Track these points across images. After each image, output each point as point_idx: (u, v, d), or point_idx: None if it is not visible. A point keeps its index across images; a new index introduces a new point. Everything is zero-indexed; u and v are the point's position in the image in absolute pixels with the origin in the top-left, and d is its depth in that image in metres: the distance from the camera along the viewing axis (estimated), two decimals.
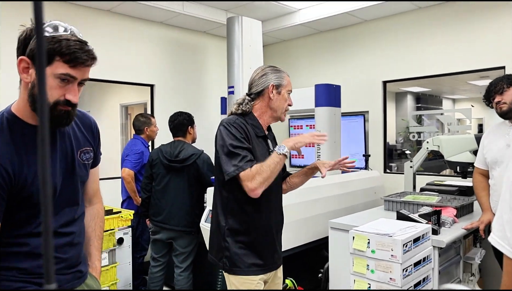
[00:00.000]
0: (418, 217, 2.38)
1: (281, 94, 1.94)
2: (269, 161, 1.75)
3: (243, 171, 1.73)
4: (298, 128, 5.47)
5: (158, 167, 3.25)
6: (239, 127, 1.83)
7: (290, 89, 1.99)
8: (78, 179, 1.37)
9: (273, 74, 1.94)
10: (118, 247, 3.23)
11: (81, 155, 1.39)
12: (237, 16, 4.12)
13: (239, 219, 1.86)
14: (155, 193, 3.28)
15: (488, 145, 2.63)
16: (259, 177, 1.71)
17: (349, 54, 5.07)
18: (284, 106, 1.96)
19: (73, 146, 1.36)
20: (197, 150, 3.25)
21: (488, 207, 2.60)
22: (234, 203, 1.85)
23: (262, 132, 1.95)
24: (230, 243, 1.85)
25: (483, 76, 4.07)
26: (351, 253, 2.07)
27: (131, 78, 4.71)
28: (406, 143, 4.72)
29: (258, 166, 1.74)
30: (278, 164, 1.76)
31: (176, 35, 5.12)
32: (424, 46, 4.39)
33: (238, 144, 1.78)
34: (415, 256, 2.02)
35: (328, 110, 3.55)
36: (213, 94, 5.44)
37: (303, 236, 3.08)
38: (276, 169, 1.75)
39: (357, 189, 3.65)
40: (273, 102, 1.94)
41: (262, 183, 1.72)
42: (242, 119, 1.89)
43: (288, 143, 1.80)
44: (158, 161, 3.25)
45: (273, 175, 1.75)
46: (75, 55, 1.17)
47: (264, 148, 1.94)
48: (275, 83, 1.92)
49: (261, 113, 1.96)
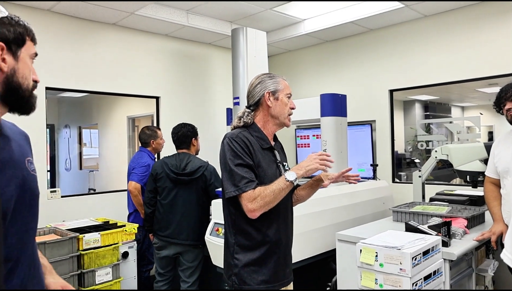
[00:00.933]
0: (427, 229, 2.32)
1: (279, 99, 1.90)
2: (275, 186, 1.72)
3: (243, 192, 1.70)
4: (305, 138, 5.43)
5: (163, 181, 3.19)
6: (242, 142, 1.79)
7: (289, 93, 1.94)
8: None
9: (267, 81, 1.90)
10: (123, 262, 3.20)
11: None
12: (241, 27, 4.12)
13: (248, 235, 1.81)
14: (161, 207, 3.22)
15: (498, 154, 2.57)
16: (261, 200, 1.69)
17: (355, 63, 5.04)
18: (285, 111, 1.91)
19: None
20: (203, 162, 3.23)
21: (500, 217, 2.52)
22: (241, 219, 1.80)
23: (267, 143, 1.90)
24: (239, 259, 1.81)
25: (491, 83, 4.01)
26: (358, 266, 2.01)
27: (137, 90, 4.73)
28: (415, 152, 4.65)
29: (262, 189, 1.71)
30: (284, 191, 1.73)
31: (181, 47, 5.14)
32: (431, 54, 4.35)
33: (239, 162, 1.75)
34: (425, 270, 1.96)
35: (334, 120, 3.52)
36: (218, 105, 5.44)
37: (310, 248, 3.02)
38: (280, 195, 1.72)
39: (365, 199, 3.59)
40: (272, 109, 1.89)
41: (262, 206, 1.70)
42: (246, 132, 1.86)
43: (299, 171, 1.75)
44: (163, 174, 3.19)
45: (275, 201, 1.72)
46: (33, 32, 1.12)
47: (271, 160, 1.89)
48: (271, 90, 1.88)
49: (264, 123, 1.92)
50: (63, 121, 5.71)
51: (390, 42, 4.69)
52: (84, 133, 6.01)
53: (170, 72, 5.03)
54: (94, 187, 5.62)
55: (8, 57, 1.04)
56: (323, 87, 5.18)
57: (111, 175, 5.58)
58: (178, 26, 4.58)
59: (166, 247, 3.20)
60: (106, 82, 4.45)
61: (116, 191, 4.36)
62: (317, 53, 5.44)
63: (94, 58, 4.35)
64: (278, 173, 1.89)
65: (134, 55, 4.69)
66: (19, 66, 1.06)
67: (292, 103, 1.95)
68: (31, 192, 1.13)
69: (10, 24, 1.04)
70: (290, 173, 1.73)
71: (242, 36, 4.06)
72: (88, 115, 5.64)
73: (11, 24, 1.05)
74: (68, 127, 5.83)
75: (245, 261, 1.80)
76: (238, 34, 4.09)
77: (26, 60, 1.09)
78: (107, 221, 3.52)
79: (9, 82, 1.04)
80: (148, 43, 4.82)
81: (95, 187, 5.53)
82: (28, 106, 1.10)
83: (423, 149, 4.52)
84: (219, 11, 4.38)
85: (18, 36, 1.06)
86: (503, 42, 3.84)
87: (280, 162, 1.93)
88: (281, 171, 1.90)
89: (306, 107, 3.63)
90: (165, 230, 3.17)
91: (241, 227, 1.82)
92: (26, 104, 1.09)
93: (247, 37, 4.06)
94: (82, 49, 4.25)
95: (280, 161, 1.93)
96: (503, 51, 3.84)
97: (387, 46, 4.72)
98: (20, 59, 1.06)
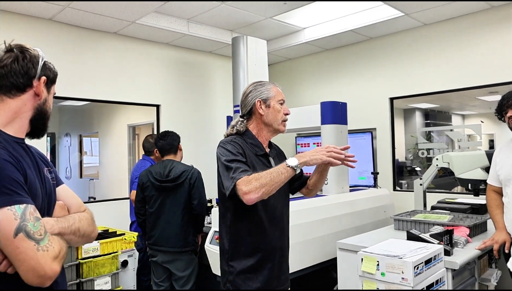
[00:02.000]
0: (429, 237, 2.29)
1: (271, 106, 1.88)
2: (272, 169, 1.66)
3: (238, 179, 1.64)
4: (305, 146, 5.42)
5: (149, 190, 3.16)
6: (236, 144, 1.79)
7: (281, 99, 1.91)
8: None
9: (258, 90, 1.90)
10: (122, 270, 3.17)
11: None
12: (242, 36, 4.14)
13: (242, 241, 1.80)
14: (149, 216, 3.19)
15: (500, 162, 2.55)
16: (256, 182, 1.60)
17: (355, 71, 5.05)
18: (278, 117, 1.90)
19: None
20: (187, 166, 3.18)
21: (503, 226, 2.50)
22: (237, 225, 1.80)
23: (262, 150, 1.90)
24: (233, 266, 1.80)
25: (492, 91, 4.01)
26: (360, 275, 1.99)
27: (138, 98, 4.74)
28: (416, 160, 4.64)
29: (258, 173, 1.65)
30: (282, 174, 1.63)
31: (182, 55, 5.16)
32: (431, 62, 4.35)
33: (233, 158, 1.73)
34: (427, 279, 1.93)
35: (334, 128, 3.51)
36: (219, 114, 5.44)
37: (311, 257, 2.99)
38: (277, 178, 1.62)
39: (366, 208, 3.56)
40: (265, 117, 1.89)
41: (257, 188, 1.58)
42: (240, 139, 1.86)
43: (302, 158, 1.66)
44: (148, 183, 3.16)
45: (272, 183, 1.61)
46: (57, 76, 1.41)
47: (265, 166, 1.87)
48: (262, 98, 1.88)
49: (258, 130, 1.92)
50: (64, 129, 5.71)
51: (390, 50, 4.70)
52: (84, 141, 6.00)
53: (170, 81, 5.04)
54: (94, 196, 5.60)
55: (44, 90, 1.33)
56: (323, 95, 5.18)
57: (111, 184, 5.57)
58: (179, 35, 4.60)
59: (155, 256, 3.18)
60: (107, 91, 4.45)
61: (116, 199, 4.34)
62: (317, 61, 5.45)
63: (95, 67, 4.36)
64: None
65: (135, 63, 4.70)
66: (49, 98, 1.37)
67: (286, 109, 1.93)
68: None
69: (49, 69, 1.35)
70: (291, 159, 1.65)
71: (243, 44, 4.07)
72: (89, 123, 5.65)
73: (50, 68, 1.36)
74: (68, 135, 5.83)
75: (239, 268, 1.79)
76: (238, 43, 4.10)
77: (52, 96, 1.40)
78: (106, 230, 3.50)
79: (41, 108, 1.33)
80: (149, 52, 4.83)
81: (95, 196, 5.51)
82: (44, 131, 1.39)
83: (424, 157, 4.51)
84: (219, 19, 4.40)
85: (54, 77, 1.39)
86: (503, 50, 3.85)
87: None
88: None
89: (307, 115, 3.62)
90: (152, 238, 3.15)
91: (236, 233, 1.81)
92: (44, 129, 1.37)
93: (247, 45, 4.07)
94: (83, 58, 4.27)
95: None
96: (503, 59, 3.84)
97: (387, 54, 4.73)
98: (50, 93, 1.37)
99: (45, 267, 1.09)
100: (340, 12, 4.41)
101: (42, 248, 1.10)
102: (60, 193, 1.40)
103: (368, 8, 4.24)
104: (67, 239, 1.26)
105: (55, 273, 1.11)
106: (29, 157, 1.27)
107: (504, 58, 3.84)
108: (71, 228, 1.28)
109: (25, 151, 1.27)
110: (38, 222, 1.12)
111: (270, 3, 3.87)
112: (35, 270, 1.08)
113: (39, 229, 1.11)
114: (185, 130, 4.89)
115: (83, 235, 1.33)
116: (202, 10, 4.10)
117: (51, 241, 1.14)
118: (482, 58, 3.99)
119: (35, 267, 1.08)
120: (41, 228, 1.12)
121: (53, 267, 1.11)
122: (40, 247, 1.09)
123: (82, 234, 1.32)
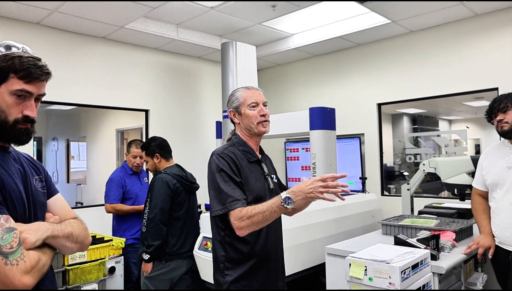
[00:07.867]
0: (416, 242, 2.31)
1: (242, 113, 1.91)
2: (266, 207, 1.65)
3: (230, 211, 1.69)
4: (294, 151, 5.44)
5: (182, 195, 3.00)
6: (229, 158, 1.80)
7: (253, 102, 1.90)
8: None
9: (230, 100, 1.97)
10: (109, 277, 3.13)
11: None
12: (231, 41, 4.15)
13: (237, 248, 1.80)
14: (176, 221, 2.99)
15: (488, 167, 2.56)
16: (248, 220, 1.65)
17: (343, 77, 5.09)
18: (253, 121, 1.89)
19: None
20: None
21: (489, 231, 2.51)
22: (231, 234, 1.78)
23: (254, 157, 1.92)
24: (229, 275, 1.79)
25: (477, 97, 4.08)
26: (348, 281, 2.00)
27: (126, 103, 4.71)
28: (404, 165, 4.69)
29: (250, 208, 1.67)
30: (275, 212, 1.65)
31: (171, 60, 5.15)
32: (417, 68, 4.42)
33: (227, 179, 1.75)
34: (414, 283, 1.95)
35: (323, 133, 3.53)
36: (208, 119, 5.43)
37: (300, 262, 3.00)
38: (270, 216, 1.65)
39: (354, 212, 3.59)
40: (242, 125, 1.94)
41: (249, 226, 1.66)
42: (233, 147, 1.89)
43: (297, 197, 1.62)
44: (181, 188, 2.98)
45: (263, 221, 1.66)
46: (29, 70, 1.20)
47: (258, 172, 1.90)
48: (233, 107, 1.94)
49: (245, 137, 1.95)
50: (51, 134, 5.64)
51: (378, 57, 4.75)
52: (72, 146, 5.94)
53: (159, 86, 5.02)
54: (81, 201, 5.54)
55: None
56: (312, 101, 5.21)
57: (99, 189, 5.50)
58: (168, 40, 4.59)
59: (179, 267, 2.92)
60: (95, 95, 4.42)
61: (103, 204, 4.29)
62: (306, 67, 5.49)
63: (83, 71, 4.33)
64: (266, 186, 1.90)
65: (124, 68, 4.68)
66: (5, 100, 1.17)
67: (262, 110, 1.90)
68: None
69: (0, 60, 1.15)
70: (287, 198, 1.62)
71: (232, 50, 4.08)
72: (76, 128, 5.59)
73: (0, 60, 1.15)
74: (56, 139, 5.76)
75: (235, 276, 1.78)
76: (227, 48, 4.11)
77: (3, 96, 1.17)
78: (94, 236, 3.45)
79: None
80: (138, 57, 4.81)
81: (82, 201, 5.44)
82: (9, 137, 1.21)
83: (411, 162, 4.56)
84: (208, 25, 4.40)
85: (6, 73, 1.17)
86: (488, 57, 3.92)
87: (268, 174, 1.95)
88: (269, 184, 1.91)
89: (295, 121, 3.64)
90: (186, 245, 2.98)
91: (231, 242, 1.80)
92: (5, 135, 1.20)
93: (236, 51, 4.08)
94: (71, 62, 4.23)
95: (268, 174, 1.95)
96: (488, 66, 3.91)
97: (375, 60, 4.78)
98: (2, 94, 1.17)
99: (13, 281, 1.04)
100: (329, 19, 4.45)
101: (11, 262, 1.04)
102: (51, 205, 1.35)
103: (356, 15, 4.29)
104: (60, 245, 1.22)
105: (25, 286, 1.07)
106: (13, 164, 1.23)
107: (488, 65, 3.91)
108: (64, 231, 1.23)
109: (9, 158, 1.23)
110: (8, 234, 1.05)
111: (259, 9, 3.89)
112: (5, 283, 1.04)
113: (10, 241, 1.05)
114: (174, 135, 4.87)
115: (76, 240, 1.28)
116: (191, 16, 4.10)
117: (24, 254, 1.08)
118: (467, 65, 4.06)
119: (4, 281, 1.04)
120: (13, 240, 1.06)
121: (24, 281, 1.06)
122: (8, 261, 1.04)
123: (75, 239, 1.27)
